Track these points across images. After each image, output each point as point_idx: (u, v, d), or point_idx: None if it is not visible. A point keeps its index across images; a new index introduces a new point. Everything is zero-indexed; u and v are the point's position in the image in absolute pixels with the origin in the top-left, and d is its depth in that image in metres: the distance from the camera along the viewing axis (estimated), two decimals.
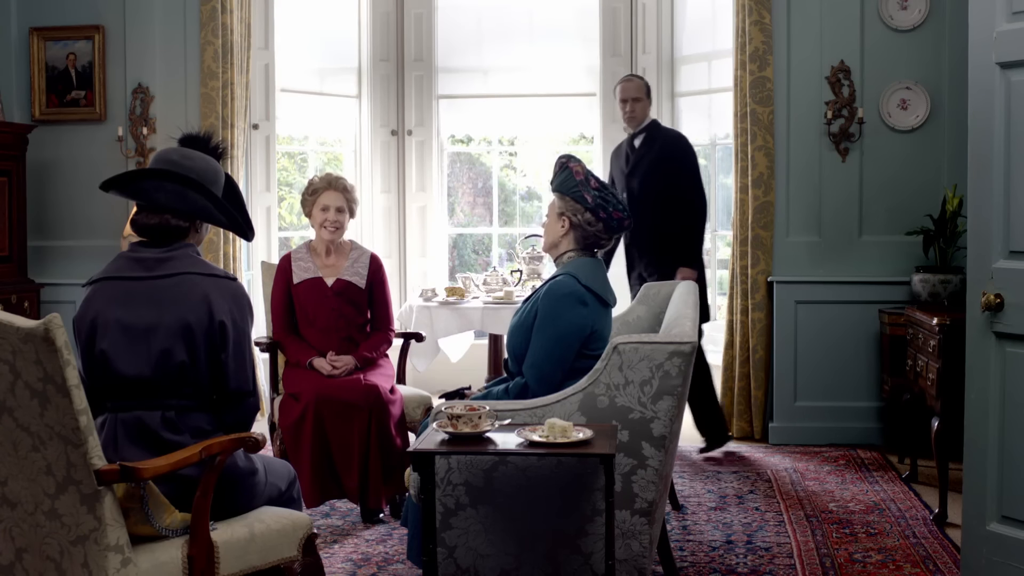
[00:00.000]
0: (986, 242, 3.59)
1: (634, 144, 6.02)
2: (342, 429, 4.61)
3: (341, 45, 7.72)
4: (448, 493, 3.36)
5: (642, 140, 5.99)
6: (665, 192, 5.84)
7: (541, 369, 3.70)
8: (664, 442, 3.30)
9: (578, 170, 3.88)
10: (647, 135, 6.00)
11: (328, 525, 4.72)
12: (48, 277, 6.79)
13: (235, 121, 6.63)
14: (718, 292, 7.46)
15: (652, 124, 6.05)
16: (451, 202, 9.26)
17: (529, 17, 7.86)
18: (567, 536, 3.33)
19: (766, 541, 4.47)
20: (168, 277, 3.03)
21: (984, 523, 3.63)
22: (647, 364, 3.28)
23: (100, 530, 2.63)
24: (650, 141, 5.98)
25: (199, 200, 3.10)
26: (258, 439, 2.92)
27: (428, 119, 7.83)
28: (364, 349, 4.93)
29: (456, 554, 3.38)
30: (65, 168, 6.83)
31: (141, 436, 2.96)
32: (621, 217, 3.87)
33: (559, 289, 3.76)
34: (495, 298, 6.46)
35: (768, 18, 6.20)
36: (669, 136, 6.06)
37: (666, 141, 5.98)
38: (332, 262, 4.99)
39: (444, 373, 7.25)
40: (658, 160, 5.89)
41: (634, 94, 6.00)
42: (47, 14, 6.78)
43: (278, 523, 3.06)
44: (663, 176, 5.86)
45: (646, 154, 5.93)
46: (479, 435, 3.12)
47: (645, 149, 5.95)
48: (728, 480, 5.44)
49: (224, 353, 3.03)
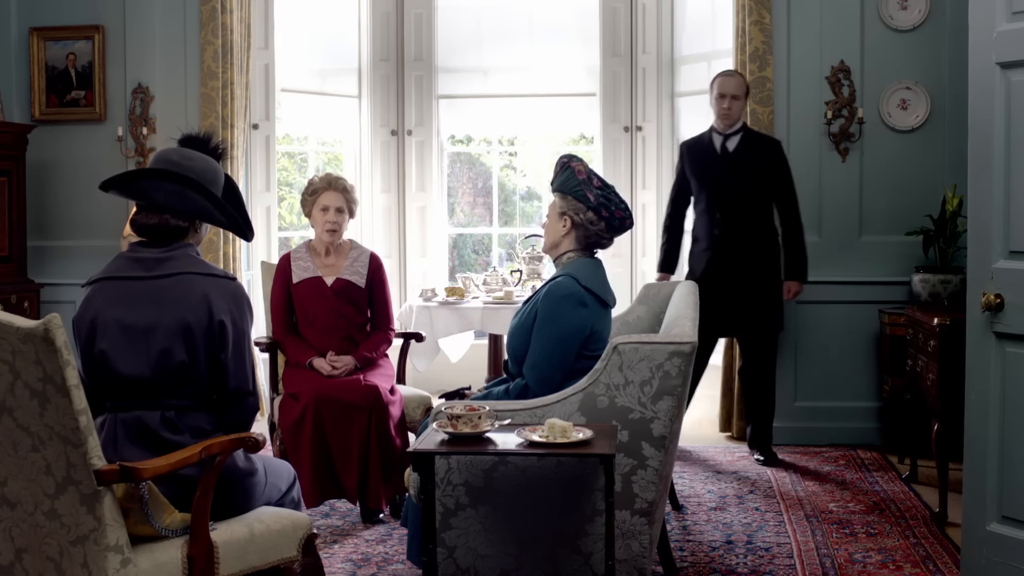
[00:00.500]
0: (986, 242, 3.58)
1: (727, 146, 5.75)
2: (342, 429, 4.61)
3: (341, 45, 7.71)
4: (448, 493, 3.36)
5: (738, 142, 5.73)
6: (767, 199, 5.73)
7: (541, 370, 3.70)
8: (664, 442, 3.30)
9: (580, 169, 3.87)
10: (743, 137, 5.76)
11: (328, 525, 4.72)
12: (48, 277, 6.79)
13: (235, 121, 6.63)
14: None
15: (744, 126, 5.83)
16: (451, 202, 9.26)
17: (529, 17, 7.86)
18: (567, 536, 3.33)
19: (766, 541, 4.47)
20: (168, 277, 3.02)
21: (984, 523, 3.63)
22: (647, 364, 3.27)
23: (100, 530, 2.63)
24: (749, 144, 5.75)
25: (198, 200, 3.10)
26: (258, 439, 2.91)
27: (428, 119, 7.83)
28: (364, 349, 4.92)
29: (456, 554, 3.38)
30: (65, 168, 6.82)
31: (141, 436, 2.96)
32: (623, 216, 3.86)
33: (559, 290, 3.75)
34: (495, 298, 6.46)
35: (768, 18, 6.20)
36: (771, 141, 5.84)
37: (769, 146, 5.77)
38: (332, 262, 4.99)
39: (444, 373, 7.24)
40: (765, 166, 5.70)
41: (734, 91, 5.73)
42: (47, 14, 6.77)
43: (278, 523, 3.05)
44: (768, 183, 5.70)
45: (746, 157, 5.71)
46: (479, 435, 3.12)
47: (744, 152, 5.72)
48: (728, 480, 5.44)
49: (224, 353, 3.03)
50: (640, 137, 7.43)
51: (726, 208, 5.68)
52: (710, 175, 5.76)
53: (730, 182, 5.70)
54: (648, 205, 7.39)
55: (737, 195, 5.69)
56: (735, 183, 5.70)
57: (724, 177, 5.72)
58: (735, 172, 5.71)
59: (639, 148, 7.44)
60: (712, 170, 5.75)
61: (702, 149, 5.84)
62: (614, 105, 7.50)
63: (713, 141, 5.80)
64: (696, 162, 5.84)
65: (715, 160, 5.76)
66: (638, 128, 7.44)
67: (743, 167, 5.70)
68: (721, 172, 5.73)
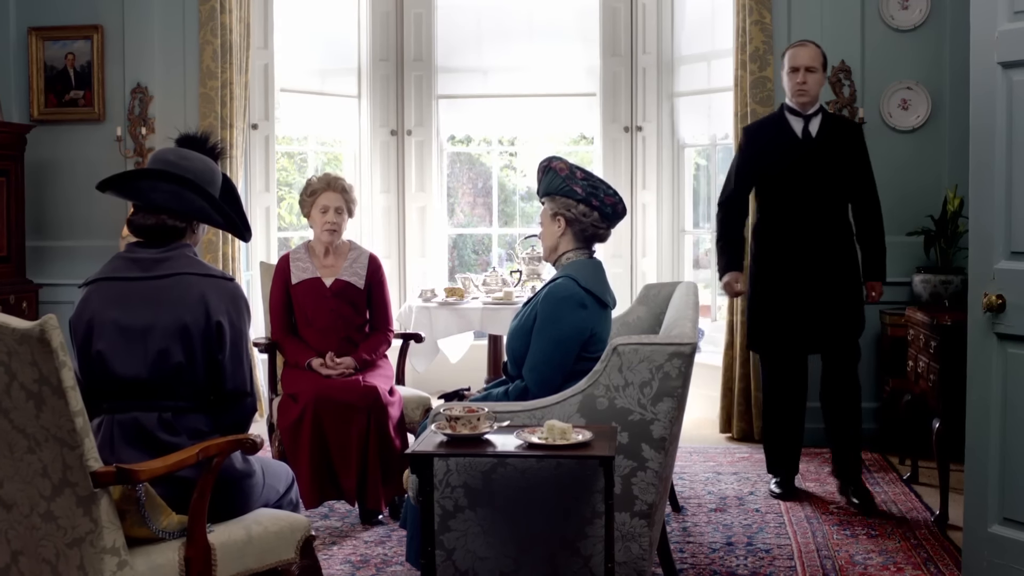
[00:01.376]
0: (987, 243, 3.57)
1: (809, 129, 4.95)
2: (341, 430, 4.59)
3: (340, 45, 7.70)
4: (447, 495, 3.34)
5: (820, 124, 4.95)
6: (847, 192, 5.01)
7: (541, 372, 3.68)
8: (664, 444, 3.29)
9: (561, 167, 3.86)
10: (824, 118, 5.00)
11: (327, 526, 4.71)
12: (47, 277, 6.78)
13: (234, 121, 6.62)
14: (718, 292, 7.45)
15: (822, 106, 5.07)
16: (451, 202, 9.25)
17: (529, 17, 7.84)
18: (566, 539, 3.32)
19: (766, 543, 4.45)
20: (165, 277, 3.01)
21: (986, 525, 3.62)
22: (647, 366, 3.26)
23: (96, 532, 2.62)
24: (832, 127, 4.99)
25: (196, 201, 3.08)
26: (255, 441, 2.90)
27: (428, 119, 7.81)
28: (363, 350, 4.91)
29: (455, 557, 3.36)
30: (64, 168, 6.81)
31: (138, 437, 2.95)
32: (614, 201, 3.84)
33: (558, 292, 3.74)
34: (495, 299, 6.45)
35: (769, 18, 6.19)
36: (852, 125, 5.16)
37: (851, 130, 5.04)
38: (331, 262, 4.98)
39: (444, 374, 7.23)
40: (849, 153, 4.97)
41: (808, 62, 4.93)
42: (46, 14, 6.76)
43: (276, 525, 3.04)
44: (850, 172, 4.98)
45: (831, 143, 4.95)
46: (478, 437, 3.10)
47: (828, 136, 4.95)
48: (728, 481, 5.42)
49: (221, 354, 3.02)
50: (640, 137, 7.42)
51: (807, 202, 4.92)
52: (790, 164, 4.93)
53: (815, 172, 4.91)
54: (648, 205, 7.37)
55: (822, 187, 4.92)
56: (821, 173, 4.91)
57: (808, 166, 4.91)
58: (821, 160, 4.91)
59: (639, 148, 7.43)
60: (792, 158, 4.93)
61: (777, 133, 4.99)
62: (614, 105, 7.48)
63: (791, 123, 4.98)
64: (771, 149, 4.99)
65: (796, 146, 4.94)
66: (638, 128, 7.42)
67: (829, 154, 4.93)
68: (804, 160, 4.91)
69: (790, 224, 4.97)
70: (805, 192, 4.91)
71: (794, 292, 4.94)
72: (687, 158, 7.41)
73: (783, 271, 4.97)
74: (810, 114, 4.95)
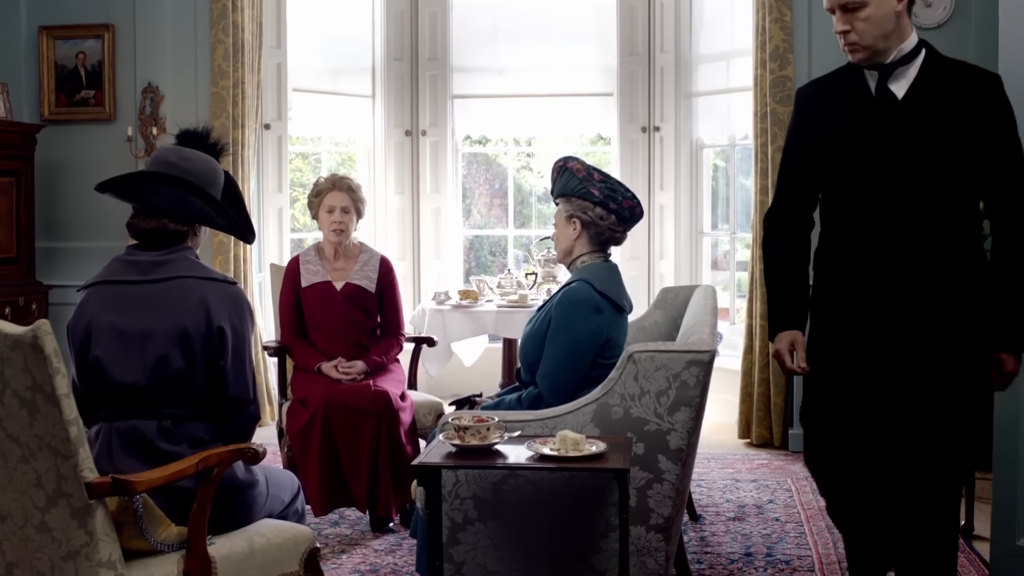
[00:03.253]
0: None
1: (888, 86, 3.11)
2: (351, 436, 4.51)
3: (354, 44, 7.64)
4: (456, 507, 3.25)
5: (917, 76, 3.11)
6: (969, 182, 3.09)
7: (555, 379, 3.60)
8: (681, 455, 3.18)
9: (577, 167, 3.77)
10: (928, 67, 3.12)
11: (337, 534, 4.62)
12: (56, 279, 6.73)
13: (246, 121, 6.55)
14: (736, 295, 7.34)
15: (923, 46, 3.16)
16: (468, 203, 9.17)
17: (545, 15, 7.76)
18: (579, 553, 3.22)
19: (787, 554, 4.34)
20: (165, 281, 2.93)
21: (1014, 538, 3.52)
22: (663, 374, 3.15)
23: (91, 545, 2.55)
24: (939, 80, 3.09)
25: (197, 203, 3.00)
26: (258, 450, 2.82)
27: (443, 119, 7.74)
28: (374, 355, 4.82)
29: (464, 570, 3.27)
30: (74, 168, 6.76)
31: (136, 446, 2.87)
32: (632, 205, 3.77)
33: (573, 296, 3.65)
34: (509, 301, 6.38)
35: (789, 16, 6.07)
36: (983, 76, 3.10)
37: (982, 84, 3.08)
38: (341, 265, 4.89)
39: (457, 377, 7.14)
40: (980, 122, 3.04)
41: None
42: (56, 13, 6.71)
43: (279, 537, 2.96)
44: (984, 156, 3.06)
45: (930, 105, 3.07)
46: (487, 448, 3.00)
47: (927, 95, 3.08)
48: (747, 489, 5.31)
49: (223, 360, 2.93)
50: (658, 138, 7.32)
51: (891, 207, 3.08)
52: (861, 143, 3.11)
53: (902, 156, 3.07)
54: (666, 207, 7.28)
55: (915, 180, 3.06)
56: (914, 157, 3.06)
57: (889, 146, 3.08)
58: (913, 135, 3.06)
59: (657, 149, 7.33)
60: (862, 134, 3.12)
61: (844, 93, 3.20)
62: (631, 105, 7.39)
63: (865, 79, 3.17)
64: (828, 121, 3.20)
65: (868, 114, 3.13)
66: (656, 128, 7.33)
67: (928, 125, 3.06)
68: (883, 136, 3.09)
69: (863, 245, 3.14)
70: (886, 189, 3.08)
71: (865, 361, 3.14)
72: (705, 159, 7.31)
73: (849, 324, 3.17)
74: (894, 61, 3.10)
